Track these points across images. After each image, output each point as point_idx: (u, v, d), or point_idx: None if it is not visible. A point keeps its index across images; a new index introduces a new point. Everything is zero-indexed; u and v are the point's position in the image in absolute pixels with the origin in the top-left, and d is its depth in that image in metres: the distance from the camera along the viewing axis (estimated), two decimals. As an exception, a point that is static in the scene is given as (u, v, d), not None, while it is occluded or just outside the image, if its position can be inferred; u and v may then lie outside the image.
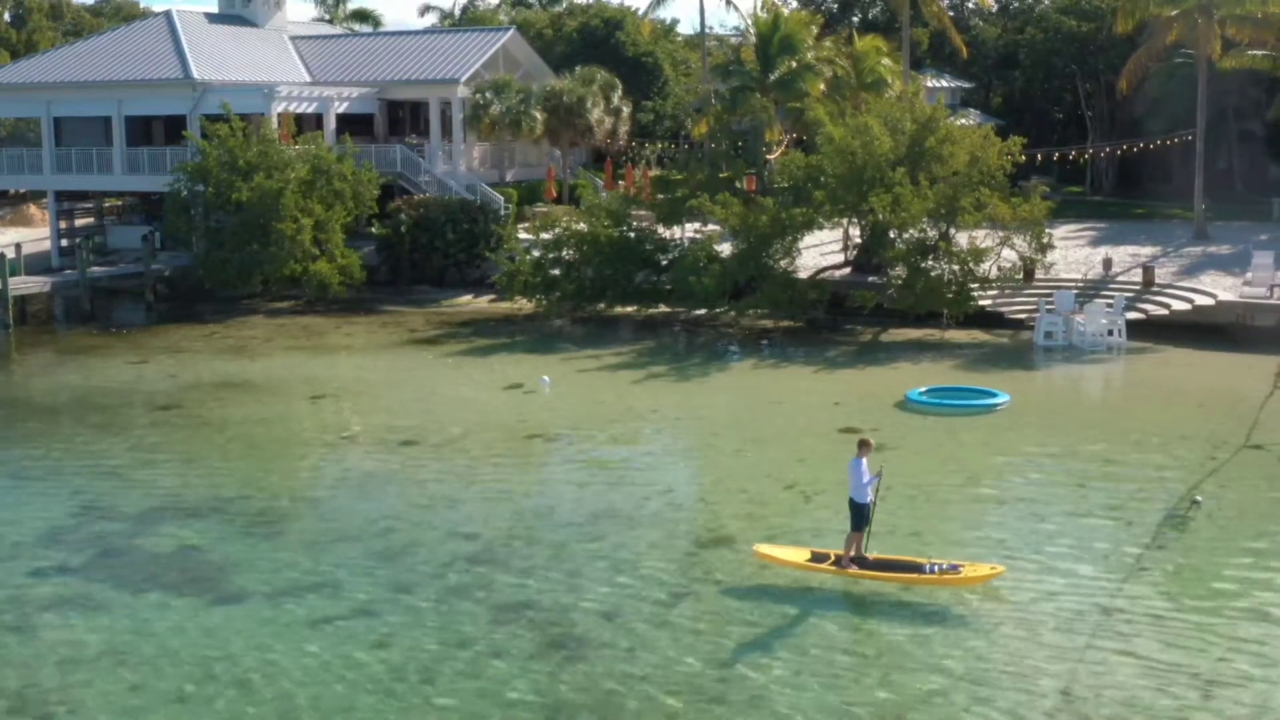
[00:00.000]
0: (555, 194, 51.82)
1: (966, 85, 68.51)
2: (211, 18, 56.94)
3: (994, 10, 71.28)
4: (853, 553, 18.24)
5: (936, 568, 17.88)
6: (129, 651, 16.44)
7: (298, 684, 15.50)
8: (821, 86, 49.76)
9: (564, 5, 75.43)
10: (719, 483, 23.87)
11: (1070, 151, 59.45)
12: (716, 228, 40.40)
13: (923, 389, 29.60)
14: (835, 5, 68.96)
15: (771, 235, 38.16)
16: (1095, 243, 47.61)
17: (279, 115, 48.48)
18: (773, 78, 45.12)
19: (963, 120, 65.33)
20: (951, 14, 72.25)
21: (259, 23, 57.70)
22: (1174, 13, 44.30)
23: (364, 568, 19.36)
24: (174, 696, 15.23)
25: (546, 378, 31.43)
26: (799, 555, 18.70)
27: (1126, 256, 43.51)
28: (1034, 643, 16.28)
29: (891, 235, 38.16)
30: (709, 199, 39.15)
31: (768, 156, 44.08)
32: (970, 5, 71.78)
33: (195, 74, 49.41)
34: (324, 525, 21.38)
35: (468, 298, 45.40)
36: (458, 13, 78.49)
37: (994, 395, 29.33)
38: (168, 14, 54.62)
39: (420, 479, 24.00)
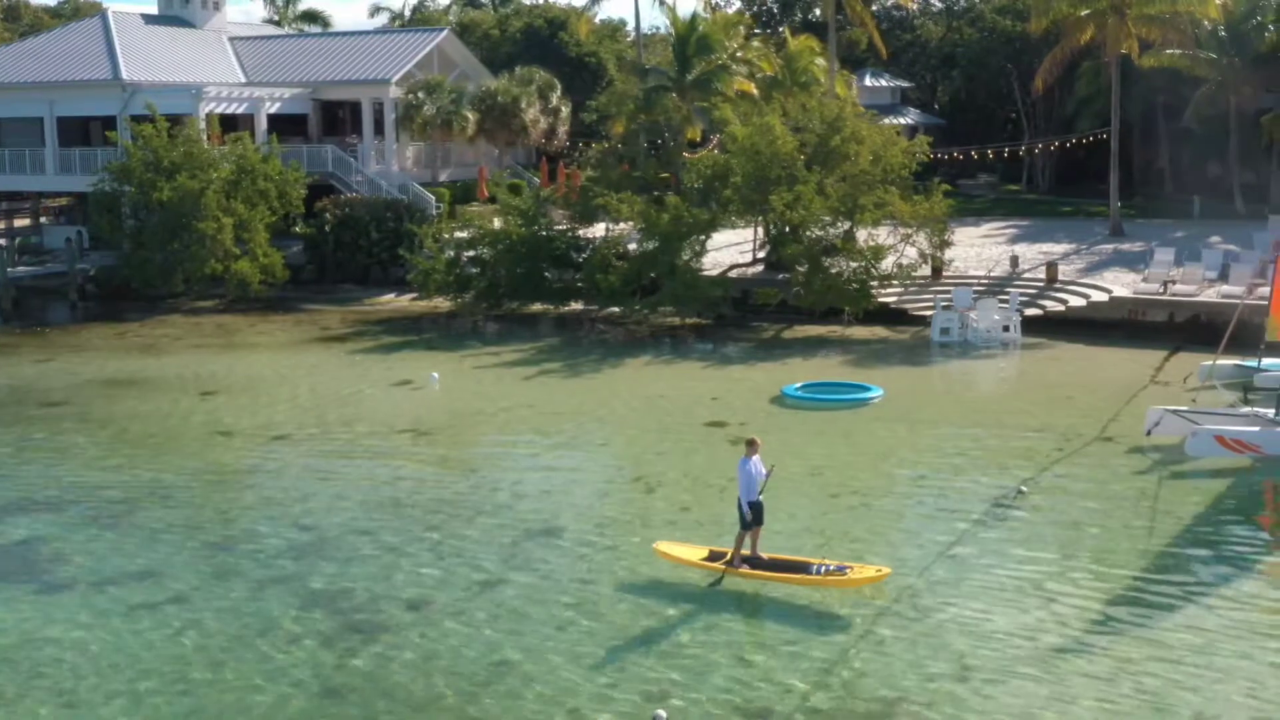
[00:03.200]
0: (487, 194, 52.26)
1: (905, 85, 69.00)
2: (148, 19, 57.39)
3: (916, 11, 71.83)
4: (744, 552, 18.15)
5: (824, 569, 17.83)
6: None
7: (90, 667, 15.96)
8: (752, 86, 50.42)
9: (510, 6, 75.88)
10: (570, 475, 24.36)
11: (1003, 149, 60.03)
12: (624, 227, 40.90)
13: (798, 384, 30.12)
14: (776, 6, 69.44)
15: (675, 234, 38.64)
16: (1014, 240, 48.16)
17: (206, 115, 48.90)
18: (690, 78, 45.58)
19: (902, 120, 66.33)
20: (898, 14, 73.07)
21: (197, 24, 58.20)
22: (1085, 13, 44.79)
23: (195, 557, 19.83)
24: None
25: (435, 374, 31.91)
26: (696, 553, 18.66)
27: (1039, 254, 44.03)
28: (813, 624, 16.79)
29: (791, 233, 38.64)
30: (614, 198, 39.61)
31: (686, 156, 44.52)
32: (914, 5, 72.18)
33: (125, 75, 49.92)
34: (170, 517, 21.82)
35: (390, 296, 45.85)
36: (408, 13, 78.93)
37: (868, 390, 29.86)
38: (103, 15, 55.19)
39: (279, 472, 24.49)
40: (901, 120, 66.56)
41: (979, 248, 46.56)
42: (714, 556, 18.46)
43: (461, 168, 57.20)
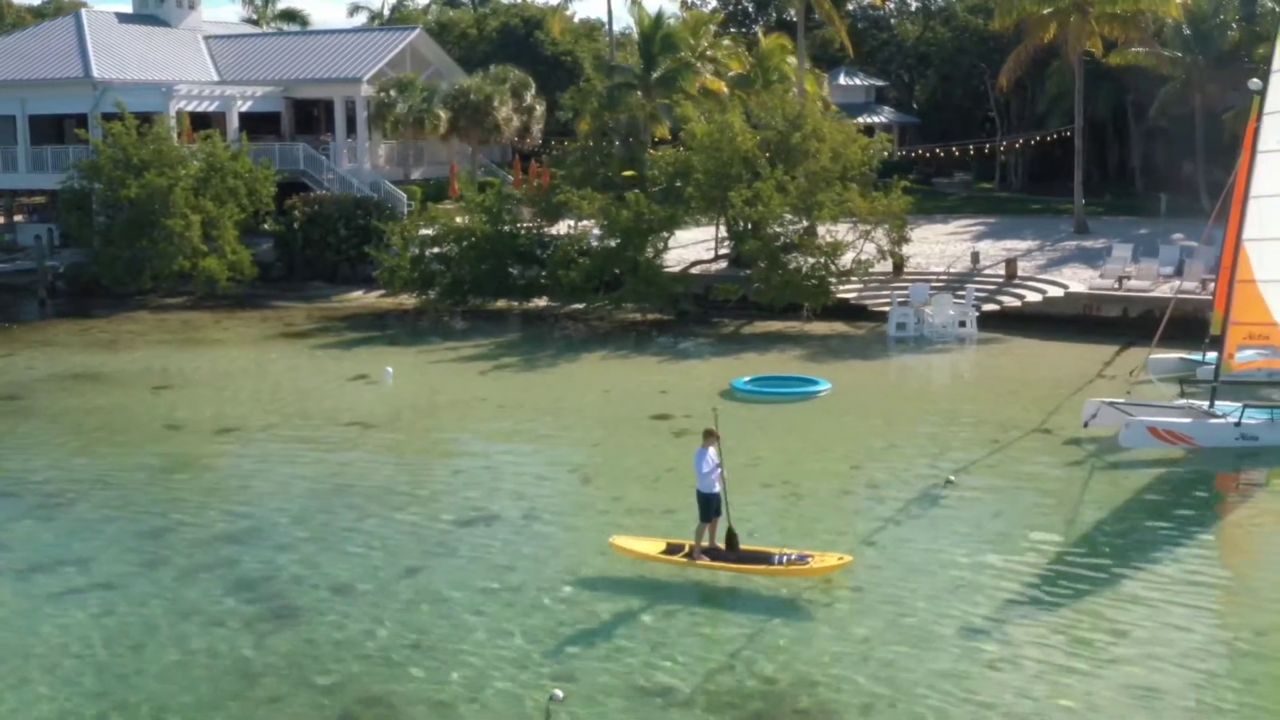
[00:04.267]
0: (459, 191, 52.45)
1: (880, 84, 69.29)
2: (122, 18, 57.66)
3: (893, 10, 72.21)
4: (704, 544, 18.15)
5: (786, 558, 17.84)
6: None
7: (8, 650, 16.20)
8: (722, 85, 50.72)
9: (488, 6, 76.17)
10: (507, 466, 24.61)
11: (976, 147, 60.34)
12: (588, 224, 41.16)
13: (747, 378, 30.40)
14: (751, 4, 69.74)
15: (635, 231, 38.92)
16: (980, 237, 48.49)
17: (177, 113, 49.13)
18: (655, 76, 45.86)
19: (876, 119, 66.66)
20: (875, 14, 73.38)
21: (172, 22, 58.42)
22: (1047, 11, 45.10)
23: (128, 545, 20.07)
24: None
25: (390, 369, 32.17)
26: (654, 547, 18.57)
27: (1003, 251, 44.30)
28: (723, 607, 17.07)
29: (750, 229, 38.93)
30: (576, 195, 39.89)
31: (650, 153, 44.78)
32: (890, 5, 72.55)
33: (96, 73, 50.17)
34: (109, 507, 22.07)
35: (359, 293, 46.08)
36: (387, 12, 79.19)
37: (815, 383, 30.15)
38: (76, 14, 55.42)
39: (222, 464, 24.78)
40: (875, 119, 67.02)
41: (944, 245, 46.87)
42: (672, 549, 18.35)
43: (435, 166, 57.45)
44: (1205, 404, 25.25)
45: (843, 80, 66.54)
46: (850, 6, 71.57)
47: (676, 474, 23.79)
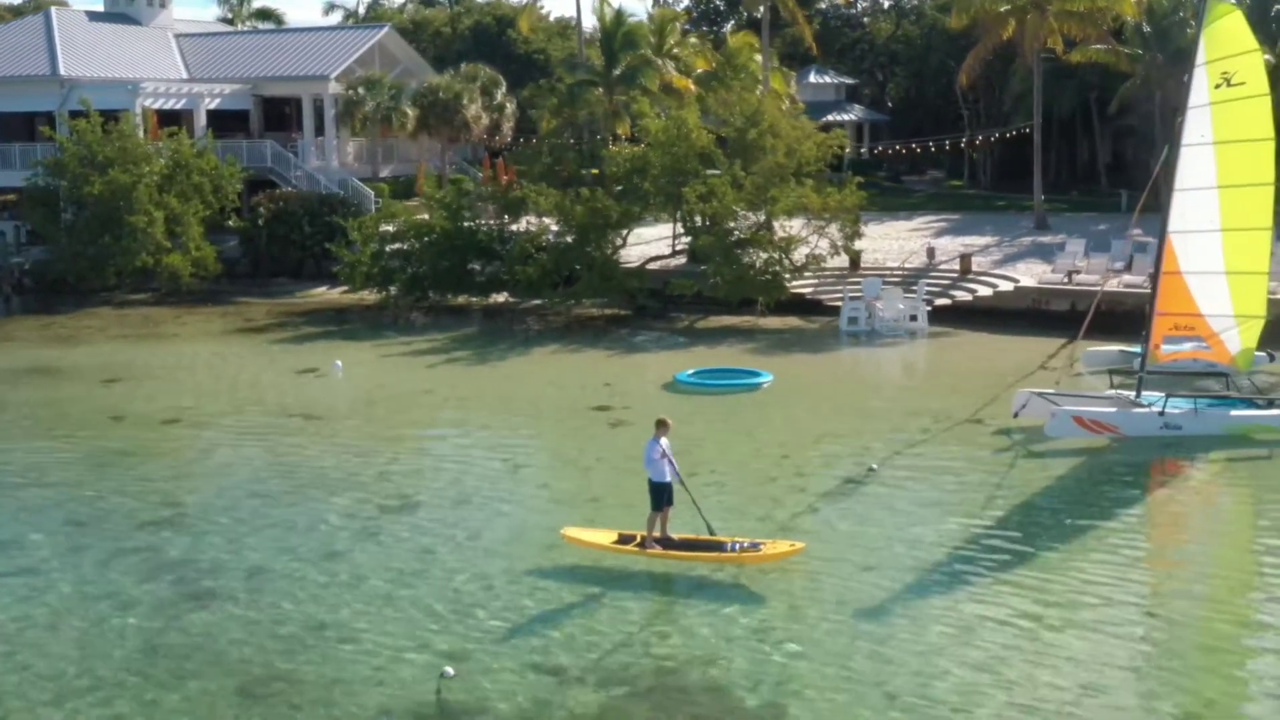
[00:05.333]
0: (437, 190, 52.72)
1: (850, 81, 69.66)
2: (93, 16, 57.98)
3: (867, 9, 72.61)
4: (656, 534, 18.25)
5: (738, 546, 17.98)
6: None
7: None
8: (689, 83, 51.06)
9: (462, 4, 76.47)
10: (442, 455, 24.97)
11: (943, 144, 60.73)
12: (547, 220, 41.52)
13: (691, 370, 30.74)
14: (721, 3, 70.11)
15: (591, 227, 39.26)
16: (941, 234, 48.84)
17: (144, 111, 49.40)
18: (616, 73, 46.18)
19: (845, 116, 67.01)
20: (848, 12, 73.75)
21: (143, 21, 58.71)
22: (1004, 8, 45.45)
23: (55, 532, 20.33)
24: None
25: (339, 362, 32.47)
26: (606, 537, 18.69)
27: (961, 247, 44.63)
28: (626, 589, 17.40)
29: (706, 225, 39.28)
30: (532, 191, 40.23)
31: (609, 150, 45.09)
32: (865, 3, 73.01)
33: (63, 71, 50.40)
34: (43, 495, 22.37)
35: (323, 290, 46.38)
36: (362, 11, 79.50)
37: (757, 375, 30.50)
38: (46, 12, 55.63)
39: (160, 454, 25.09)
40: (845, 116, 67.41)
41: (906, 241, 47.22)
42: (624, 540, 18.46)
43: (404, 164, 57.72)
44: (1132, 394, 25.62)
45: (813, 78, 66.90)
46: (822, 5, 71.99)
47: (606, 463, 24.28)
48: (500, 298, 42.29)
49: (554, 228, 41.17)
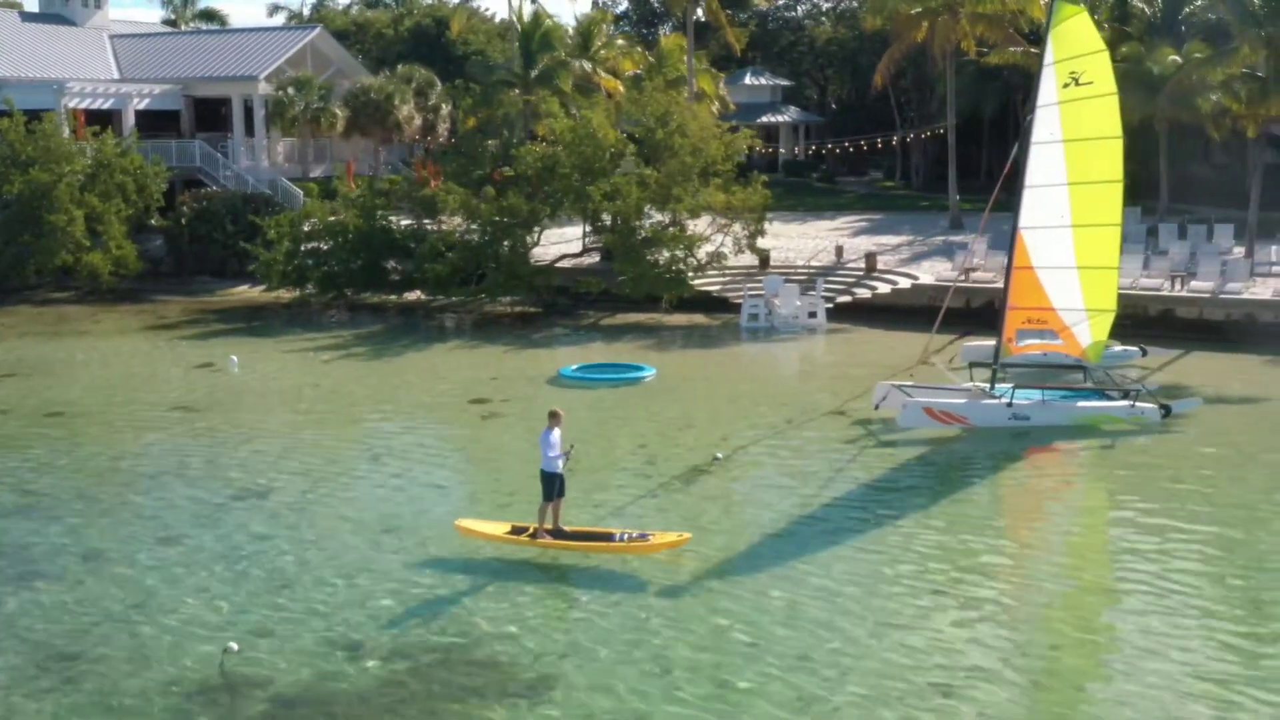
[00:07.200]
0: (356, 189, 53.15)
1: (785, 83, 70.37)
2: (26, 16, 58.33)
3: (800, 15, 73.36)
4: (548, 524, 18.62)
5: (626, 536, 18.47)
6: None
7: None
8: (618, 84, 51.67)
9: (404, 6, 76.94)
10: (308, 446, 25.35)
11: (860, 144, 61.44)
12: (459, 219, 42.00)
13: (575, 365, 31.29)
14: (657, 4, 70.72)
15: (498, 225, 39.80)
16: (860, 233, 49.51)
17: (68, 111, 49.73)
18: (533, 74, 46.72)
19: (780, 118, 67.65)
20: (788, 15, 74.45)
21: (78, 21, 59.01)
22: (916, 10, 46.14)
23: (-94, 520, 20.80)
24: None
25: (234, 358, 32.91)
26: (499, 529, 18.89)
27: (874, 245, 45.27)
28: (437, 570, 17.94)
29: (613, 223, 39.85)
30: (441, 189, 40.74)
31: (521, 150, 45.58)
32: (802, 8, 73.73)
33: (-11, 71, 50.69)
34: (-97, 486, 22.79)
35: (243, 288, 46.76)
36: (306, 12, 79.90)
37: (640, 370, 31.07)
38: (-23, 12, 55.90)
39: (31, 444, 25.42)
40: (780, 118, 68.12)
41: (823, 240, 47.81)
42: (516, 531, 18.85)
43: (337, 164, 58.03)
44: (987, 386, 26.27)
45: (749, 80, 67.59)
46: (764, 6, 72.66)
47: (467, 454, 24.81)
48: (416, 296, 42.76)
49: (473, 226, 41.65)
